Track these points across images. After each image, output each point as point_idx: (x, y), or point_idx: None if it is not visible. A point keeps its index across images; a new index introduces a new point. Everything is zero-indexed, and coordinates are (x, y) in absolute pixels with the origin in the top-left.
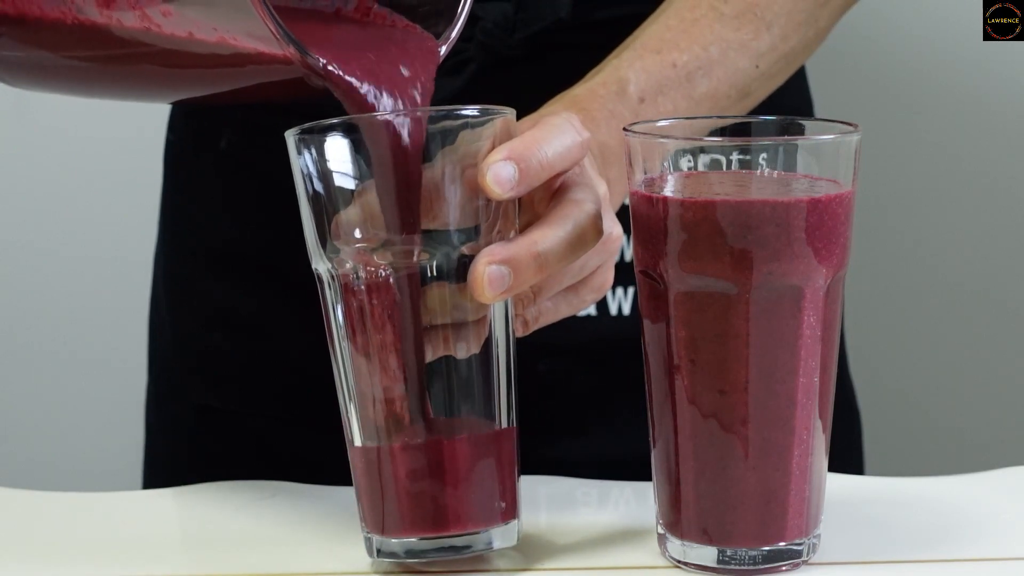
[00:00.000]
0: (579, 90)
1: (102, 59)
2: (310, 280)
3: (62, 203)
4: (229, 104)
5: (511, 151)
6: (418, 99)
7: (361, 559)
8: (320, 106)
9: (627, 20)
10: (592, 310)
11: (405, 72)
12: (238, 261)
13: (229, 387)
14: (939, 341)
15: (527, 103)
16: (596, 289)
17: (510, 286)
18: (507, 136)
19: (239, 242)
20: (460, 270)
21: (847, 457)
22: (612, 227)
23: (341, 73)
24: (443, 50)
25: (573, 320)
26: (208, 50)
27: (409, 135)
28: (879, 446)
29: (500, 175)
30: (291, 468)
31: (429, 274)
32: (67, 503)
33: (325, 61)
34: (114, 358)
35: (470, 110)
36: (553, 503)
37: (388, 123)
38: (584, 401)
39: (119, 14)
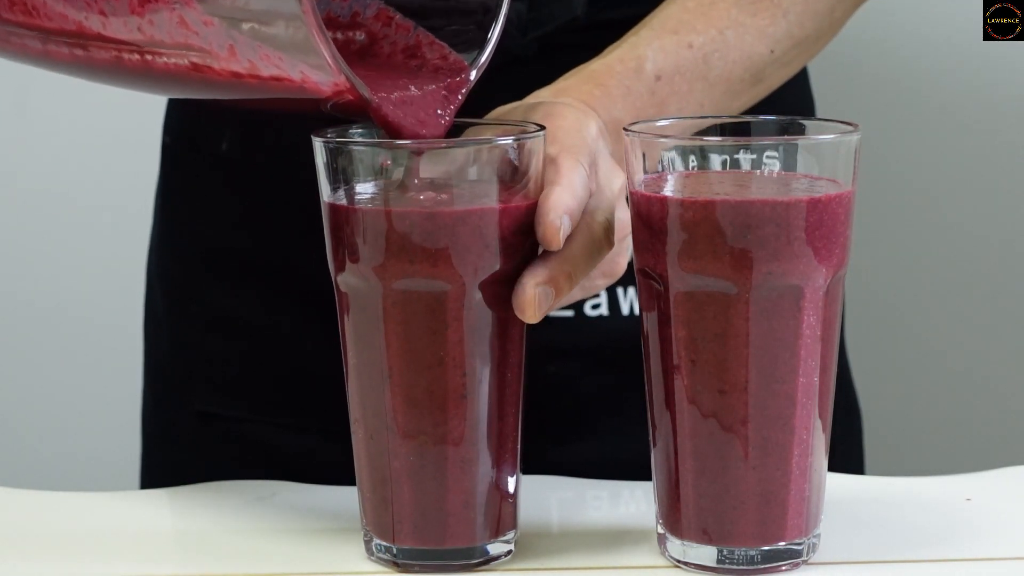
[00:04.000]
0: (596, 65)
1: (127, 58)
2: (312, 282)
3: (56, 205)
4: (239, 107)
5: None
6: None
7: (360, 559)
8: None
9: (643, 18)
10: (604, 310)
11: (439, 105)
12: (239, 264)
13: (230, 392)
14: (939, 341)
15: None
16: (608, 274)
17: (551, 304)
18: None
19: (240, 245)
20: (488, 295)
21: (848, 457)
22: (624, 214)
23: (389, 112)
24: (473, 75)
25: (583, 321)
26: (246, 70)
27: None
28: (880, 446)
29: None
30: (295, 473)
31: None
32: (66, 503)
33: (378, 99)
34: (110, 358)
35: (506, 139)
36: (553, 503)
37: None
38: (594, 402)
39: (155, 16)
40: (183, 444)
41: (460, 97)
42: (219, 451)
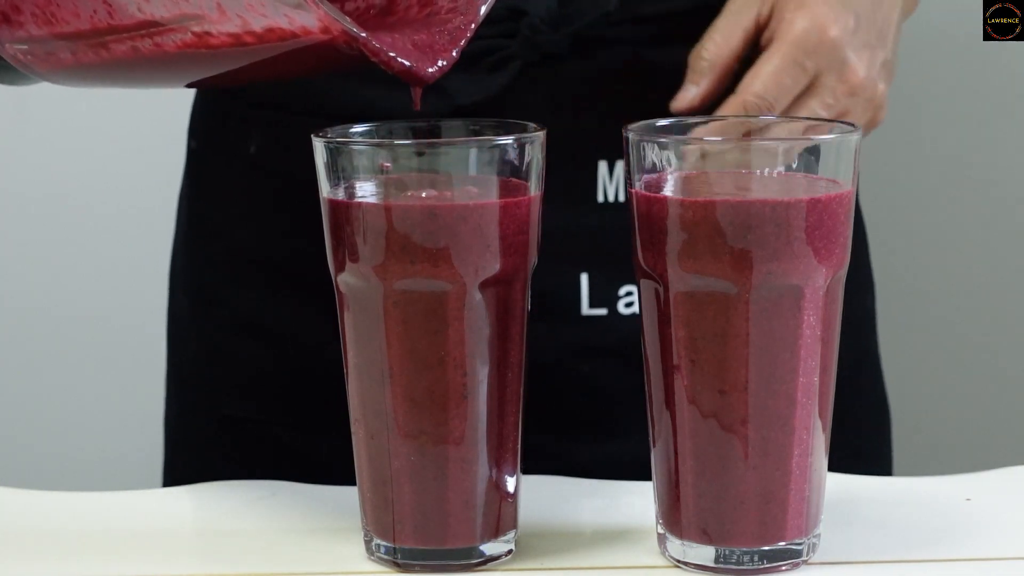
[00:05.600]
0: None
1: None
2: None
3: (76, 211)
4: (254, 81)
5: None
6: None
7: (360, 559)
8: (347, 112)
9: (674, 15)
10: (638, 308)
11: (443, 42)
12: (267, 268)
13: (258, 396)
14: (938, 342)
15: (572, 100)
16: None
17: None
18: None
19: (268, 248)
20: (488, 296)
21: (878, 456)
22: (855, 72)
23: (381, 46)
24: (483, 10)
25: (617, 320)
26: (240, 28)
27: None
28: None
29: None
30: (323, 476)
31: (450, 294)
32: (68, 503)
33: (366, 34)
34: (130, 364)
35: (506, 139)
36: (553, 503)
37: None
38: (628, 401)
39: None
40: (209, 449)
41: (469, 33)
42: (247, 455)
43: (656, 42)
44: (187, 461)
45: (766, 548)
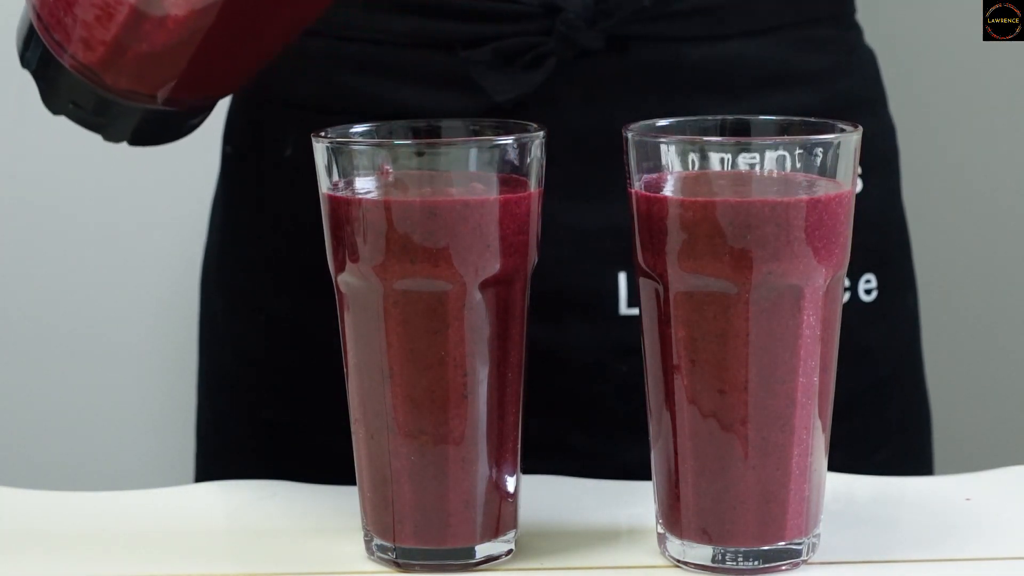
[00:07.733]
0: None
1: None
2: None
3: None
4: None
5: None
6: None
7: (360, 559)
8: (382, 113)
9: (711, 10)
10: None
11: None
12: (304, 272)
13: (297, 401)
14: (937, 341)
15: (608, 96)
16: None
17: None
18: None
19: (305, 252)
20: (488, 295)
21: (919, 456)
22: None
23: None
24: None
25: None
26: None
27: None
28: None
29: None
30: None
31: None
32: (71, 503)
33: None
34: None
35: (506, 139)
36: (553, 503)
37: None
38: None
39: None
40: (244, 452)
41: None
42: (282, 458)
43: (691, 38)
44: (221, 464)
45: (766, 548)
